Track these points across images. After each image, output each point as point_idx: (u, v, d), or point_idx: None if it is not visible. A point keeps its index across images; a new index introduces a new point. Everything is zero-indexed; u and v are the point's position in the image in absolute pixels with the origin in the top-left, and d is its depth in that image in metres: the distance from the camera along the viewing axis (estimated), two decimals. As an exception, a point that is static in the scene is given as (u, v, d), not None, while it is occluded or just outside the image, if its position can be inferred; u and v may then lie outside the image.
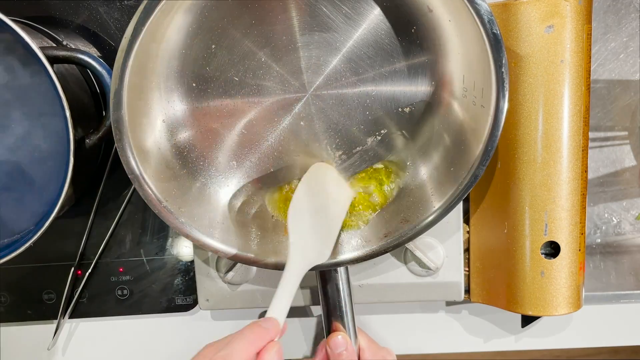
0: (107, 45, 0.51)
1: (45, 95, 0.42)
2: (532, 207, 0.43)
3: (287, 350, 0.55)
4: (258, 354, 0.36)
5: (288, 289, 0.39)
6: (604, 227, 0.55)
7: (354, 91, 0.43)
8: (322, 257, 0.42)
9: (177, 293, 0.53)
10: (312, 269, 0.42)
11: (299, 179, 0.45)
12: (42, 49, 0.39)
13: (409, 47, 0.41)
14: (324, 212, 0.42)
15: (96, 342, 0.56)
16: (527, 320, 0.50)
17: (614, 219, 0.54)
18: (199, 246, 0.42)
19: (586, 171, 0.43)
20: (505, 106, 0.37)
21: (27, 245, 0.43)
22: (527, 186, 0.43)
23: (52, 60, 0.40)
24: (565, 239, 0.43)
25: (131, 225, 0.53)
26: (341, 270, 0.43)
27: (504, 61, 0.36)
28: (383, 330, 0.54)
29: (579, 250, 0.44)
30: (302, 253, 0.41)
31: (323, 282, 0.43)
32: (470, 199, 0.48)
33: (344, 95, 0.43)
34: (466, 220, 0.48)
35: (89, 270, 0.53)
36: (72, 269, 0.52)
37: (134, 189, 0.45)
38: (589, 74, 0.42)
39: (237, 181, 0.45)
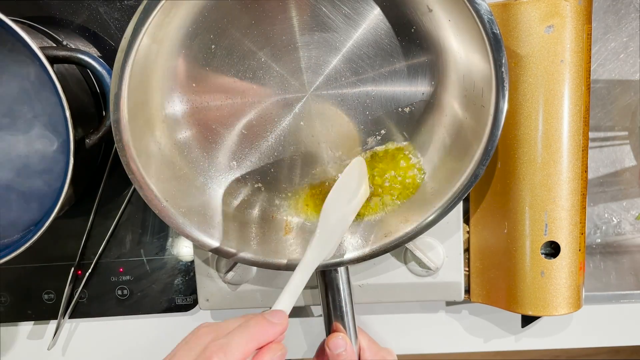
0: (107, 45, 0.51)
1: (45, 95, 0.42)
2: (532, 207, 0.43)
3: (287, 350, 0.55)
4: (259, 349, 0.33)
5: (301, 282, 0.38)
6: (604, 227, 0.55)
7: (354, 91, 0.43)
8: (331, 253, 0.41)
9: (177, 293, 0.53)
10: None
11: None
12: (42, 49, 0.39)
13: (409, 47, 0.41)
14: (347, 209, 0.41)
15: (96, 342, 0.56)
16: (527, 320, 0.50)
17: (614, 219, 0.54)
18: (198, 246, 0.42)
19: (586, 171, 0.43)
20: (505, 106, 0.37)
21: (27, 245, 0.43)
22: (527, 186, 0.43)
23: (52, 60, 0.40)
24: (565, 239, 0.43)
25: (131, 225, 0.53)
26: (341, 270, 0.43)
27: (504, 61, 0.36)
28: (383, 330, 0.54)
29: (579, 250, 0.44)
30: (322, 247, 0.40)
31: (323, 282, 0.43)
32: (470, 199, 0.48)
33: (344, 95, 0.43)
34: (466, 220, 0.48)
35: (89, 270, 0.53)
36: (72, 269, 0.52)
37: (134, 189, 0.45)
38: (589, 74, 0.42)
39: (237, 181, 0.45)
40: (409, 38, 0.41)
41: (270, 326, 0.34)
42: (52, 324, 0.55)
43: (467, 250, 0.48)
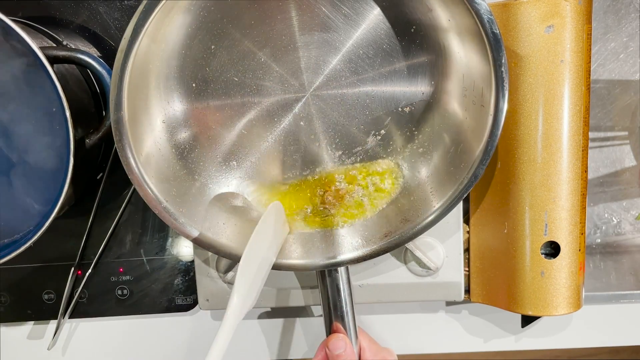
0: (107, 45, 0.51)
1: (45, 95, 0.42)
2: (532, 207, 0.43)
3: (287, 350, 0.55)
4: None
5: (226, 339, 0.36)
6: (604, 227, 0.55)
7: (354, 91, 0.43)
8: (253, 303, 0.39)
9: (177, 293, 0.53)
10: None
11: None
12: (42, 49, 0.39)
13: (408, 47, 0.41)
14: (266, 254, 0.40)
15: (96, 342, 0.56)
16: (527, 320, 0.50)
17: (614, 219, 0.54)
18: (199, 246, 0.42)
19: (586, 171, 0.43)
20: (505, 106, 0.37)
21: (27, 245, 0.43)
22: (527, 186, 0.43)
23: (52, 60, 0.40)
24: (565, 239, 0.43)
25: (131, 225, 0.53)
26: (341, 270, 0.43)
27: (503, 61, 0.36)
28: (383, 330, 0.54)
29: (579, 250, 0.44)
30: (244, 300, 0.37)
31: (323, 282, 0.43)
32: (470, 199, 0.48)
33: (344, 95, 0.43)
34: (466, 220, 0.48)
35: (89, 270, 0.53)
36: (72, 269, 0.52)
37: (134, 189, 0.45)
38: (589, 74, 0.42)
39: (237, 181, 0.45)
40: (409, 38, 0.41)
41: None
42: (52, 324, 0.55)
43: (467, 250, 0.48)
